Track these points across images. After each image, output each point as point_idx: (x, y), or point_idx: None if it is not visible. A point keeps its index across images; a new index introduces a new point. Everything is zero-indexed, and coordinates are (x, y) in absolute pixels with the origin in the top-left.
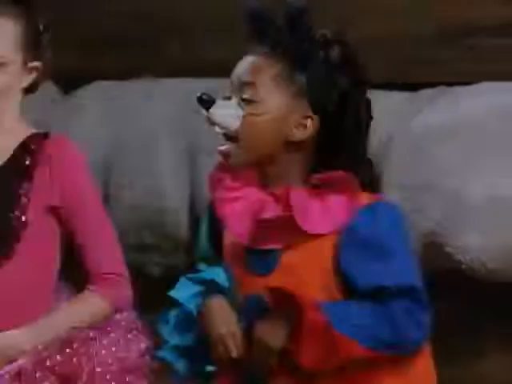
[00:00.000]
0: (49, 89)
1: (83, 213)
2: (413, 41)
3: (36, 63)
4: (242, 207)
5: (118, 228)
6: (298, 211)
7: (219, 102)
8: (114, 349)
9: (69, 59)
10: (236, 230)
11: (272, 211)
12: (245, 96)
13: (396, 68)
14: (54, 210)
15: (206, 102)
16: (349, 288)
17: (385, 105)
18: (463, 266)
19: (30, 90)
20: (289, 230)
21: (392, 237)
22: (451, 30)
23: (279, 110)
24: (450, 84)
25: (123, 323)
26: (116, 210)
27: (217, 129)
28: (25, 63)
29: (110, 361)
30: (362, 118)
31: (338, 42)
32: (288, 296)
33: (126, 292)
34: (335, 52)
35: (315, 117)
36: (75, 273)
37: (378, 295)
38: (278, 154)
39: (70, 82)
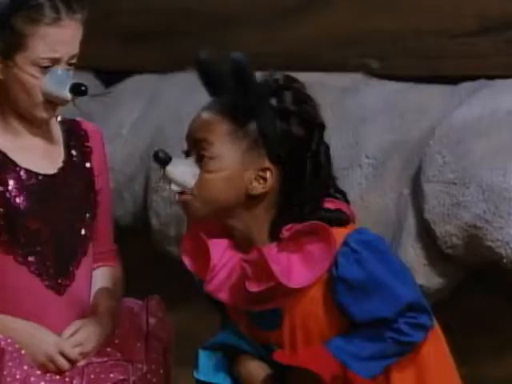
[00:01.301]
0: (90, 82)
1: (105, 196)
2: (453, 34)
3: None
4: (225, 276)
5: (159, 221)
6: (282, 274)
7: (176, 160)
8: None
9: (110, 53)
10: (229, 301)
11: (255, 280)
12: (201, 153)
13: (436, 61)
14: (97, 194)
15: (162, 160)
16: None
17: (425, 98)
18: (504, 260)
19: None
20: (280, 291)
21: (378, 269)
22: (491, 23)
23: (236, 164)
24: (490, 77)
25: None
26: (157, 202)
27: (173, 187)
28: None
29: None
30: (321, 163)
31: (289, 88)
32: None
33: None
34: (287, 98)
35: (274, 168)
36: None
37: (375, 324)
38: (240, 209)
39: (111, 76)
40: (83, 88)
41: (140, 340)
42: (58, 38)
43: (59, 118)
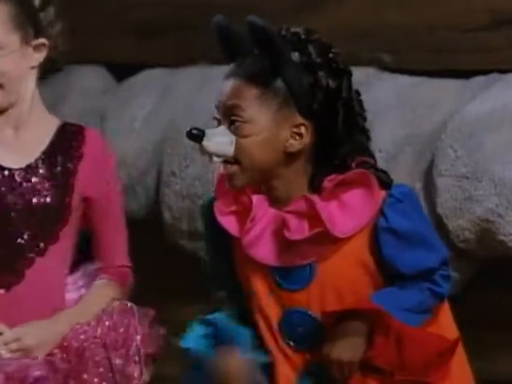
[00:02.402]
0: (102, 76)
1: (110, 207)
2: (465, 28)
3: (41, 40)
4: (260, 230)
5: (171, 214)
6: (329, 221)
7: (209, 132)
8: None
9: (123, 47)
10: (262, 256)
11: (298, 228)
12: (233, 118)
13: (448, 55)
14: (86, 201)
15: (197, 136)
16: (390, 272)
17: (437, 92)
18: None
19: (52, 67)
20: (319, 241)
21: (421, 221)
22: (503, 18)
23: (270, 126)
24: (502, 71)
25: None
26: (169, 196)
27: (214, 159)
28: (26, 42)
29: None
30: (355, 109)
31: (311, 40)
32: (357, 311)
33: (131, 280)
34: (311, 51)
35: (307, 122)
36: None
37: (418, 276)
38: (280, 167)
39: (124, 70)
40: None
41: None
42: None
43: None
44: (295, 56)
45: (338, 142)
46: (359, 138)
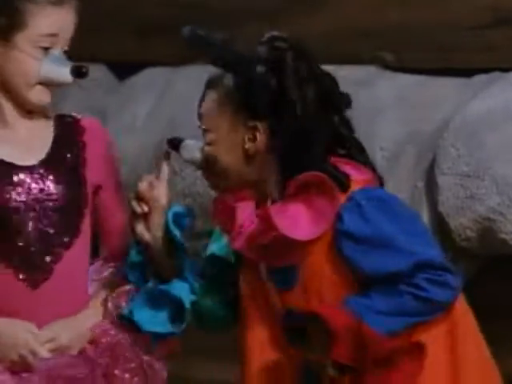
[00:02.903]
0: (104, 75)
1: (115, 195)
2: (467, 27)
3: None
4: (247, 235)
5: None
6: (286, 227)
7: (184, 142)
8: None
9: (124, 46)
10: (254, 257)
11: (264, 234)
12: (201, 127)
13: (450, 54)
14: (98, 190)
15: (174, 146)
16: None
17: (439, 91)
18: None
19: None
20: (289, 244)
21: (386, 224)
22: (505, 16)
23: (227, 131)
24: (503, 70)
25: None
26: (170, 195)
27: (192, 164)
28: None
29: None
30: (296, 98)
31: (267, 43)
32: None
33: None
34: (262, 53)
35: (259, 124)
36: None
37: (390, 279)
38: (248, 171)
39: (124, 69)
40: (84, 70)
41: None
42: (60, 18)
43: (52, 114)
44: (261, 67)
45: (290, 141)
46: (325, 131)
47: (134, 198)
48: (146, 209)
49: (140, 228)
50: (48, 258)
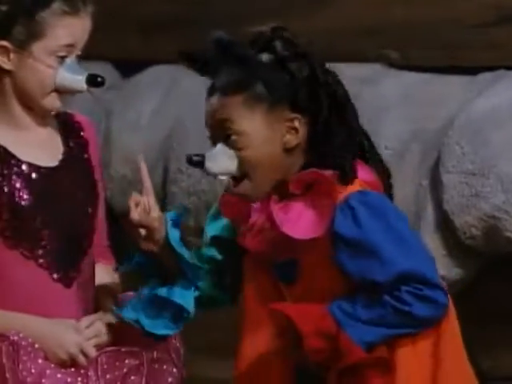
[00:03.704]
0: (108, 73)
1: (100, 190)
2: (471, 25)
3: (1, 42)
4: (259, 228)
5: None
6: (287, 224)
7: (209, 154)
8: None
9: (129, 43)
10: (257, 251)
11: (269, 230)
12: (227, 133)
13: (455, 52)
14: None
15: (199, 162)
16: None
17: (444, 89)
18: None
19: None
20: (292, 240)
21: (376, 231)
22: (510, 14)
23: (263, 130)
24: (508, 68)
25: None
26: (175, 193)
27: (220, 177)
28: None
29: None
30: (339, 91)
31: (275, 36)
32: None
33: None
34: (275, 46)
35: (299, 115)
36: None
37: (375, 287)
38: (285, 165)
39: (130, 66)
40: (100, 79)
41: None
42: (77, 28)
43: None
44: (265, 57)
45: (331, 130)
46: (351, 123)
47: (131, 226)
48: (145, 232)
49: (146, 246)
50: (76, 258)
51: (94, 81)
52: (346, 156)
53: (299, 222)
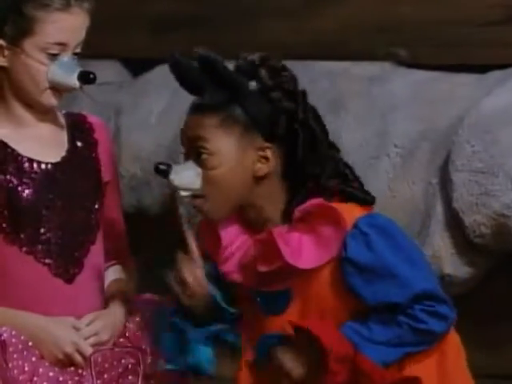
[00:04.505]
0: (118, 72)
1: (115, 192)
2: (481, 23)
3: None
4: (238, 259)
5: (187, 209)
6: (291, 255)
7: (177, 167)
8: None
9: (138, 42)
10: (242, 281)
11: (265, 260)
12: (199, 151)
13: (464, 50)
14: (105, 186)
15: (164, 172)
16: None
17: (453, 87)
18: None
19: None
20: (289, 271)
21: (389, 254)
22: None
23: (235, 152)
24: None
25: None
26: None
27: (182, 193)
28: None
29: None
30: (313, 129)
31: (264, 65)
32: (312, 336)
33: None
34: (262, 74)
35: (272, 145)
36: None
37: (391, 309)
38: (251, 193)
39: (138, 65)
40: (91, 76)
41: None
42: (67, 24)
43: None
44: (252, 84)
45: (306, 161)
46: (327, 152)
47: (178, 282)
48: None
49: (188, 301)
50: (77, 253)
51: (85, 78)
52: (329, 182)
53: (302, 251)
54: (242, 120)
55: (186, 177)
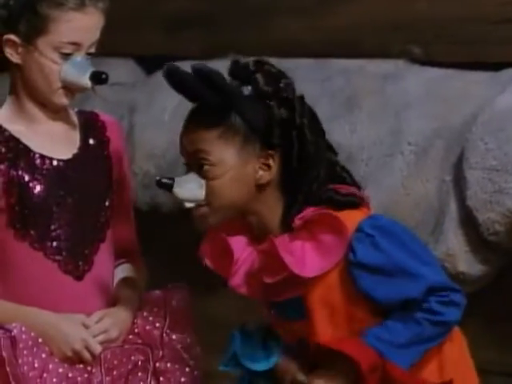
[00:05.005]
0: (132, 69)
1: (125, 190)
2: (495, 20)
3: (9, 36)
4: (246, 270)
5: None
6: (295, 264)
7: (179, 179)
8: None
9: (152, 39)
10: (251, 294)
11: (270, 271)
12: (201, 163)
13: (478, 48)
14: (116, 184)
15: (167, 185)
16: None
17: (467, 85)
18: None
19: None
20: (295, 279)
21: (396, 252)
22: None
23: (237, 162)
24: None
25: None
26: None
27: (187, 204)
28: None
29: None
30: (306, 136)
31: (259, 71)
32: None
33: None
34: (259, 81)
35: (273, 152)
36: None
37: (405, 306)
38: (253, 202)
39: (153, 62)
40: (104, 76)
41: (158, 328)
42: (81, 24)
43: (76, 109)
44: (247, 89)
45: (301, 169)
46: (323, 157)
47: None
48: None
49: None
50: (87, 251)
51: (97, 78)
52: (327, 188)
53: (305, 260)
54: (241, 129)
55: (190, 189)
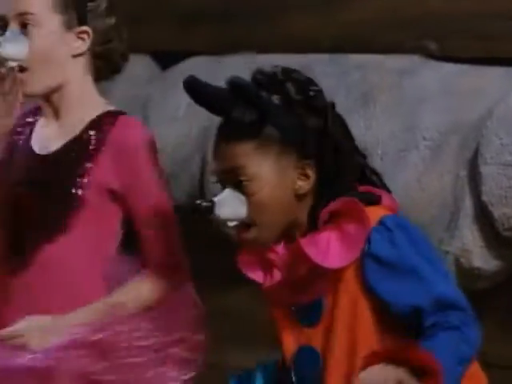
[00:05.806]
0: (147, 65)
1: (144, 201)
2: (510, 16)
3: (84, 28)
4: (276, 275)
5: None
6: (317, 255)
7: (217, 200)
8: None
9: (167, 35)
10: (277, 295)
11: (294, 267)
12: (238, 179)
13: (494, 43)
14: (114, 194)
15: (207, 209)
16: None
17: (482, 80)
18: None
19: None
20: (323, 276)
21: (410, 252)
22: None
23: (275, 174)
24: None
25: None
26: (213, 184)
27: (229, 223)
28: (68, 27)
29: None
30: (336, 142)
31: (288, 79)
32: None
33: (177, 284)
34: (288, 89)
35: (309, 161)
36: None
37: (416, 313)
38: (294, 211)
39: (167, 58)
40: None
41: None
42: None
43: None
44: (276, 99)
45: (340, 174)
46: (354, 162)
47: None
48: None
49: None
50: (27, 249)
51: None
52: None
53: (329, 251)
54: (277, 140)
55: (231, 207)
